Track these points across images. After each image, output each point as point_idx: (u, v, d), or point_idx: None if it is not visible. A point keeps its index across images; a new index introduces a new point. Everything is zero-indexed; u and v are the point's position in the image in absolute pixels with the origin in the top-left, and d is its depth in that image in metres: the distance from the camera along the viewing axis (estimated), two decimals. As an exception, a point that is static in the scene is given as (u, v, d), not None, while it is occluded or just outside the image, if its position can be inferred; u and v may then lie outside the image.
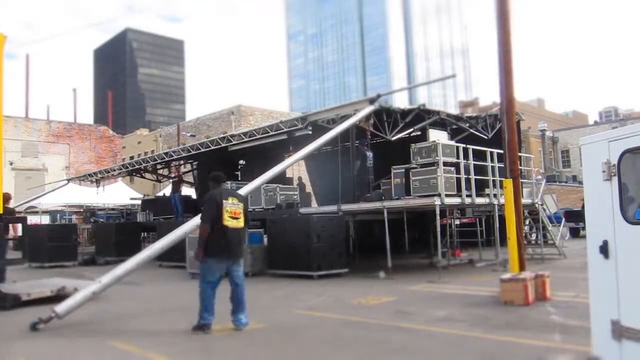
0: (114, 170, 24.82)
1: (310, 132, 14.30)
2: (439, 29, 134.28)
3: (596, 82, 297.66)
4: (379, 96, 13.64)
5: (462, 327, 6.40)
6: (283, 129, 14.94)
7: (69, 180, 27.82)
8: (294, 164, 13.23)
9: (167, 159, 20.77)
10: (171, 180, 20.94)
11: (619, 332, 3.48)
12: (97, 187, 25.95)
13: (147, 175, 27.37)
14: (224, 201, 6.48)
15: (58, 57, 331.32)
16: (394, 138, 14.47)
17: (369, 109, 12.93)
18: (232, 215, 6.50)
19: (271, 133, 15.36)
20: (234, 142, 16.88)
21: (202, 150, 18.19)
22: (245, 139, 16.29)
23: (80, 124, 42.36)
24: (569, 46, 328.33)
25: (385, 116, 14.20)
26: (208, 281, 6.61)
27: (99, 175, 25.50)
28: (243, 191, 10.48)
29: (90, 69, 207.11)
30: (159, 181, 30.03)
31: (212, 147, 17.52)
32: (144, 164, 22.77)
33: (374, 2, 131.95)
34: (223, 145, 17.18)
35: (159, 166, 26.83)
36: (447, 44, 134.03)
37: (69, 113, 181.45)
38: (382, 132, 14.10)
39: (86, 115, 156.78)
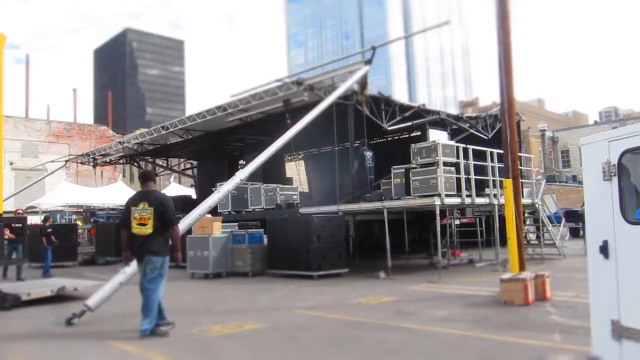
0: (111, 149, 23.70)
1: (306, 98, 13.98)
2: (439, 29, 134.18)
3: (596, 82, 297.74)
4: (374, 49, 13.58)
5: (462, 327, 6.40)
6: (278, 93, 14.47)
7: (67, 161, 27.30)
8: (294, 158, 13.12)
9: (163, 132, 19.61)
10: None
11: (619, 332, 3.48)
12: (94, 167, 25.61)
13: (145, 165, 27.35)
14: (132, 208, 6.46)
15: (58, 57, 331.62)
16: (390, 128, 14.50)
17: (364, 69, 12.88)
18: (139, 221, 6.40)
19: (266, 99, 14.84)
20: (230, 111, 16.26)
21: (198, 120, 17.44)
22: (241, 107, 15.67)
23: (80, 124, 42.39)
24: (569, 46, 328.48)
25: (383, 104, 14.25)
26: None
27: (96, 154, 24.68)
28: (249, 169, 10.44)
29: (90, 69, 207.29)
30: (156, 174, 29.94)
31: (208, 117, 16.82)
32: (140, 139, 21.64)
33: (374, 2, 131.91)
34: (219, 114, 16.57)
35: (157, 159, 26.79)
36: (447, 44, 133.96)
37: (69, 113, 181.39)
38: (378, 119, 14.10)
39: (86, 115, 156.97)
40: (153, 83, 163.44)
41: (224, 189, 9.96)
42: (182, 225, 8.90)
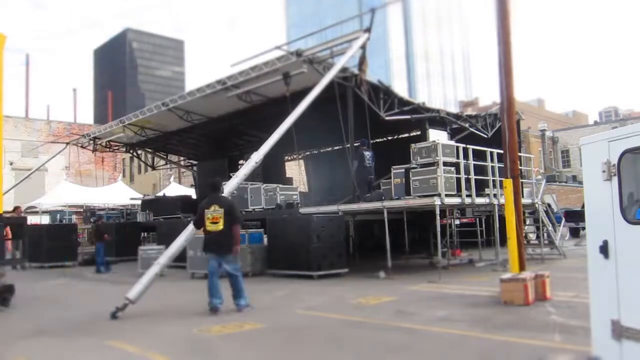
0: (112, 127, 22.80)
1: (305, 70, 13.88)
2: (439, 29, 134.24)
3: (596, 82, 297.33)
4: (373, 12, 13.59)
5: (462, 327, 6.40)
6: (277, 64, 14.27)
7: (67, 143, 26.97)
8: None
9: (163, 108, 19.07)
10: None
11: (619, 332, 3.48)
12: (94, 152, 25.31)
13: (145, 156, 27.22)
14: (205, 210, 7.95)
15: (58, 57, 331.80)
16: (388, 119, 14.52)
17: (364, 37, 12.87)
18: (212, 220, 7.86)
19: (265, 70, 14.61)
20: (230, 84, 15.96)
21: (198, 95, 17.09)
22: (241, 79, 15.50)
23: (80, 124, 42.38)
24: (569, 46, 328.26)
25: (382, 94, 14.27)
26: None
27: (97, 133, 24.00)
28: (263, 150, 10.68)
29: (90, 69, 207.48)
30: (154, 168, 29.90)
31: (208, 91, 16.57)
32: (141, 115, 20.75)
33: (374, 3, 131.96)
34: (218, 88, 16.28)
35: (158, 153, 26.66)
36: (447, 44, 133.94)
37: (69, 113, 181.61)
38: (376, 106, 14.12)
39: (86, 115, 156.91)
40: (153, 83, 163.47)
41: (241, 172, 10.28)
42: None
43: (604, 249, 3.57)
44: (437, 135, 15.49)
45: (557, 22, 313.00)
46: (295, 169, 27.13)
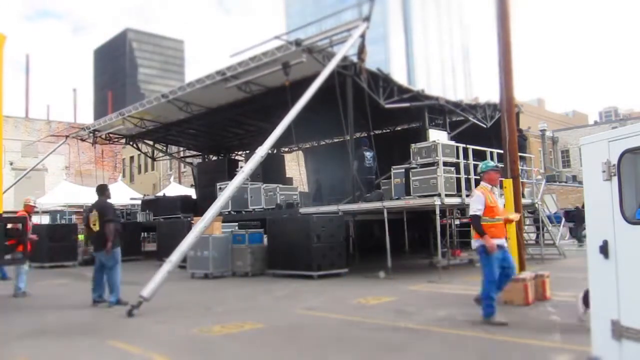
0: (111, 120, 22.52)
1: (304, 60, 13.83)
2: (439, 29, 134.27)
3: (596, 82, 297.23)
4: (372, 1, 13.62)
5: (462, 327, 6.40)
6: (277, 54, 14.21)
7: (67, 136, 26.85)
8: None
9: (163, 100, 18.91)
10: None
11: (619, 332, 3.48)
12: (94, 144, 25.15)
13: (144, 147, 27.37)
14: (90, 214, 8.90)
15: (58, 57, 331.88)
16: (388, 107, 14.54)
17: (363, 26, 12.89)
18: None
19: (265, 60, 14.52)
20: (229, 75, 15.82)
21: (197, 86, 16.91)
22: (240, 69, 15.39)
23: (80, 124, 42.33)
24: (569, 46, 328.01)
25: (381, 82, 14.27)
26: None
27: (97, 126, 23.82)
28: (267, 144, 10.76)
29: (90, 69, 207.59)
30: (154, 159, 29.78)
31: (207, 82, 16.53)
32: (140, 108, 20.33)
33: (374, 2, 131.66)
34: (218, 79, 16.16)
35: (157, 145, 26.78)
36: (446, 44, 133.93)
37: (69, 113, 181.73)
38: (375, 94, 14.12)
39: (86, 115, 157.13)
40: (153, 83, 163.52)
41: (247, 168, 10.36)
42: (215, 207, 9.61)
43: (604, 249, 3.57)
44: (437, 135, 15.49)
45: (558, 22, 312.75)
46: (295, 169, 27.14)
